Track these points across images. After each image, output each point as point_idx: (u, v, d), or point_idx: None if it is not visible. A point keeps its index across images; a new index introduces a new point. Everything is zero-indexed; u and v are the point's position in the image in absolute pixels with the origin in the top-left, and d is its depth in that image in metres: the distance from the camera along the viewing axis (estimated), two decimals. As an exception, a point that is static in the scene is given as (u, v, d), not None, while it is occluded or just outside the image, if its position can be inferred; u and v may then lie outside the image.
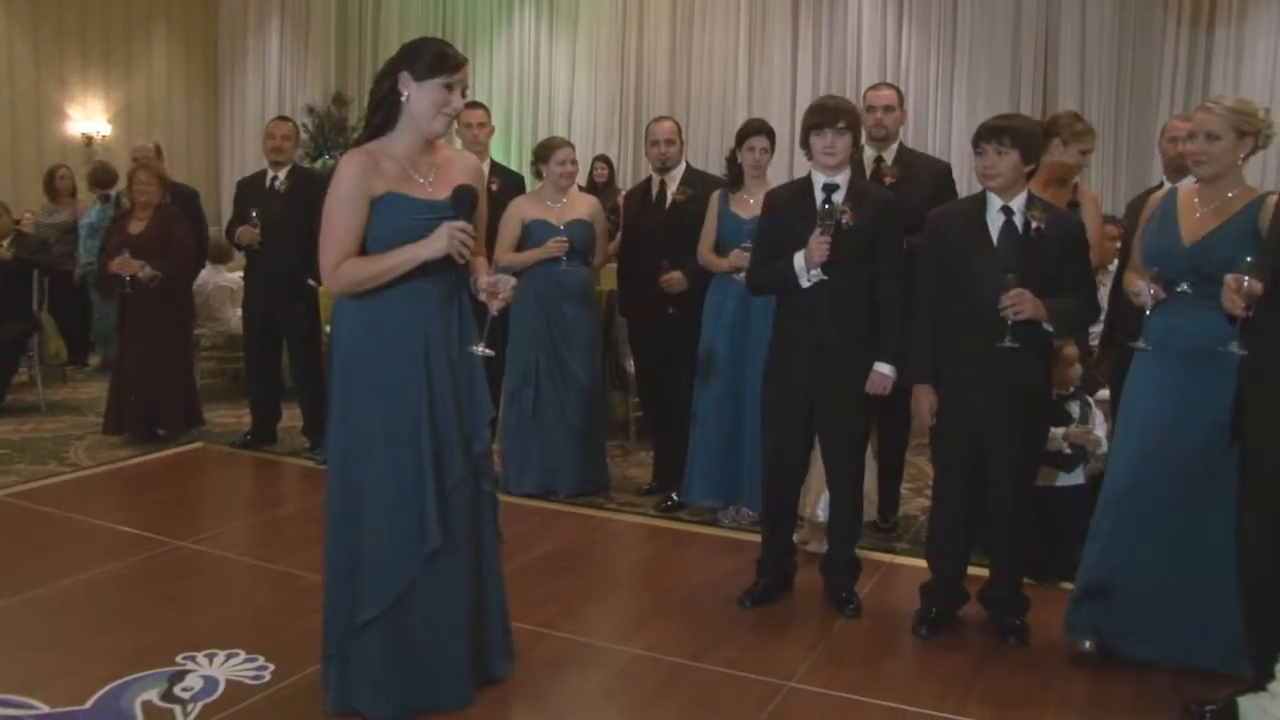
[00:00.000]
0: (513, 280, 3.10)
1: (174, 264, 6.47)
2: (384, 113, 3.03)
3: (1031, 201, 3.69)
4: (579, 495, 5.48)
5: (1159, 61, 8.63)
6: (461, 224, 2.93)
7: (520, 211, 5.50)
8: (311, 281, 6.21)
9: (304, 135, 9.98)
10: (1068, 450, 4.32)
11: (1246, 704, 3.02)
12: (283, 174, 6.33)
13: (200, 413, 6.76)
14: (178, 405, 6.59)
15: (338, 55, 12.13)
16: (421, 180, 3.04)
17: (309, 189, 6.42)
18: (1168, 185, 4.43)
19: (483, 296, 3.07)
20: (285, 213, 6.16)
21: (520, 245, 5.44)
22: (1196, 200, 3.50)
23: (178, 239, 6.55)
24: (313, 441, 6.20)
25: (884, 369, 3.91)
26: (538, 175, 5.63)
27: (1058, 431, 4.29)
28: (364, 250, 2.99)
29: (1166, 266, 3.46)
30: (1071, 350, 4.40)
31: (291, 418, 6.63)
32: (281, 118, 6.82)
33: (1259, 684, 3.04)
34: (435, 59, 2.98)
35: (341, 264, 2.97)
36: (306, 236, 5.97)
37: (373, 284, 2.97)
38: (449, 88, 2.99)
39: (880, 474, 4.91)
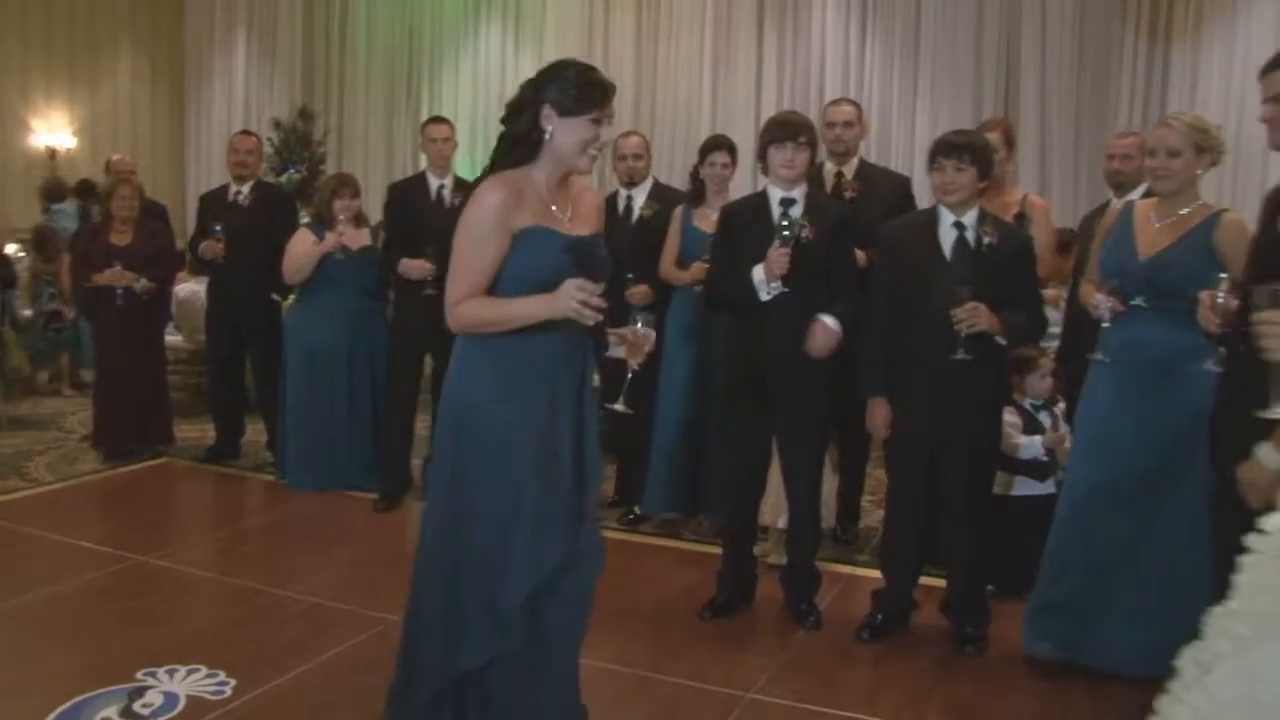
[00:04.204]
0: (651, 333, 2.88)
1: (165, 275, 6.51)
2: (525, 149, 2.75)
3: (983, 217, 3.76)
4: None
5: (1118, 74, 8.73)
6: (582, 283, 2.62)
7: None
8: (275, 296, 6.21)
9: (269, 149, 9.97)
10: (1044, 458, 4.37)
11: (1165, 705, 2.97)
12: (246, 188, 6.33)
13: (172, 428, 6.75)
14: (160, 419, 6.60)
15: (304, 69, 12.09)
16: (560, 215, 2.79)
17: (273, 203, 6.47)
18: (1116, 200, 4.50)
19: (618, 350, 2.89)
20: (249, 227, 6.16)
21: None
22: (1153, 215, 3.56)
23: (166, 250, 6.62)
24: (276, 456, 6.19)
25: (828, 320, 3.85)
26: None
27: (1036, 439, 4.36)
28: (496, 284, 2.73)
29: (1123, 280, 3.53)
30: (1045, 361, 4.47)
31: (256, 432, 6.60)
32: (245, 132, 6.83)
33: None
34: (584, 91, 2.70)
35: (466, 300, 2.72)
36: (270, 251, 6.03)
37: (492, 329, 2.73)
38: (597, 122, 2.73)
39: (841, 486, 4.96)
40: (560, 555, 2.76)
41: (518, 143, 2.76)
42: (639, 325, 2.85)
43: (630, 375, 2.88)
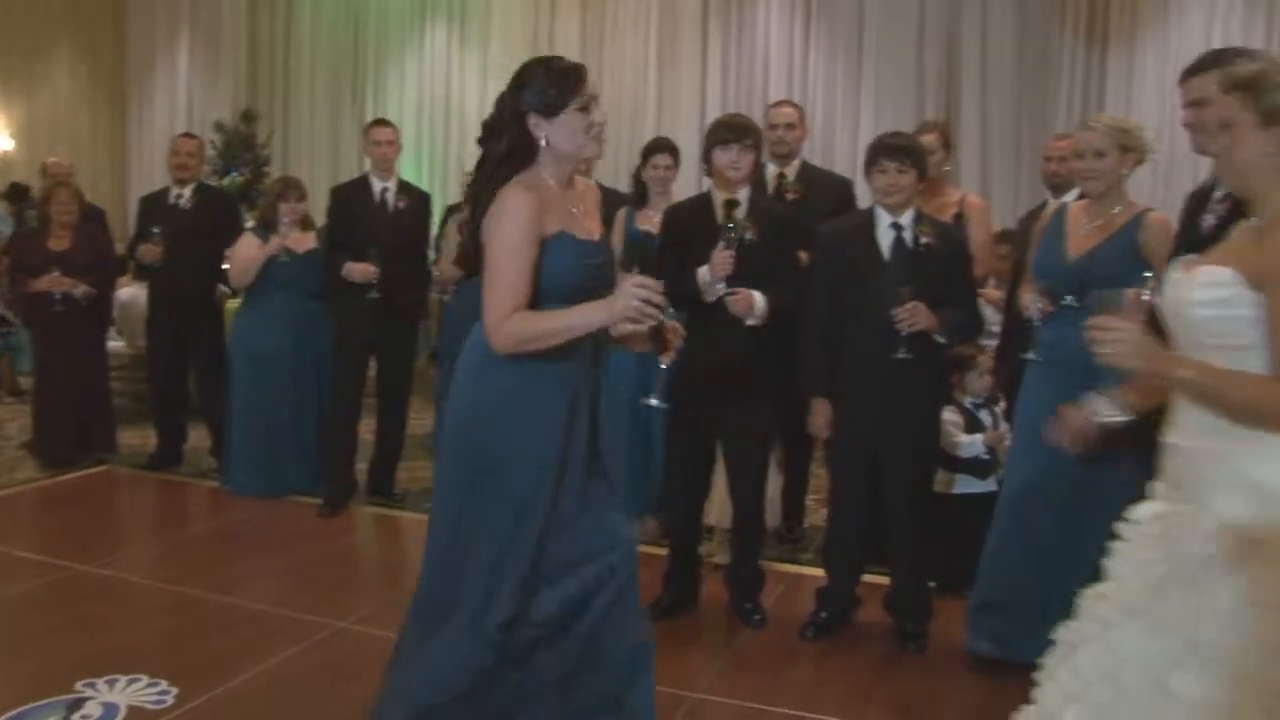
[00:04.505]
0: (681, 329, 2.76)
1: (105, 280, 6.43)
2: (520, 157, 2.67)
3: (919, 218, 3.81)
4: None
5: (1056, 77, 8.87)
6: (643, 280, 2.49)
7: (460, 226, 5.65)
8: (222, 287, 6.14)
9: (212, 152, 9.87)
10: (985, 456, 4.43)
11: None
12: (188, 191, 6.26)
13: (115, 435, 6.66)
14: (102, 426, 6.52)
15: (248, 71, 11.95)
16: (579, 215, 2.73)
17: (215, 207, 6.41)
18: (1052, 201, 4.58)
19: (642, 343, 2.77)
20: (191, 230, 6.10)
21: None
22: (1084, 216, 3.63)
23: (106, 255, 6.54)
24: (219, 462, 6.13)
25: (757, 294, 3.86)
26: None
27: (978, 437, 4.41)
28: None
29: (1053, 280, 3.59)
30: (984, 359, 4.53)
31: (199, 438, 6.53)
32: (187, 134, 6.75)
33: None
34: (561, 84, 2.63)
35: (512, 316, 2.57)
36: (213, 254, 5.98)
37: (541, 345, 2.58)
38: (585, 109, 2.65)
39: (785, 485, 5.00)
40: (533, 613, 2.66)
41: (511, 155, 2.67)
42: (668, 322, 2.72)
43: (663, 368, 2.80)
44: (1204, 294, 2.12)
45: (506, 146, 2.67)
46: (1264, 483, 2.00)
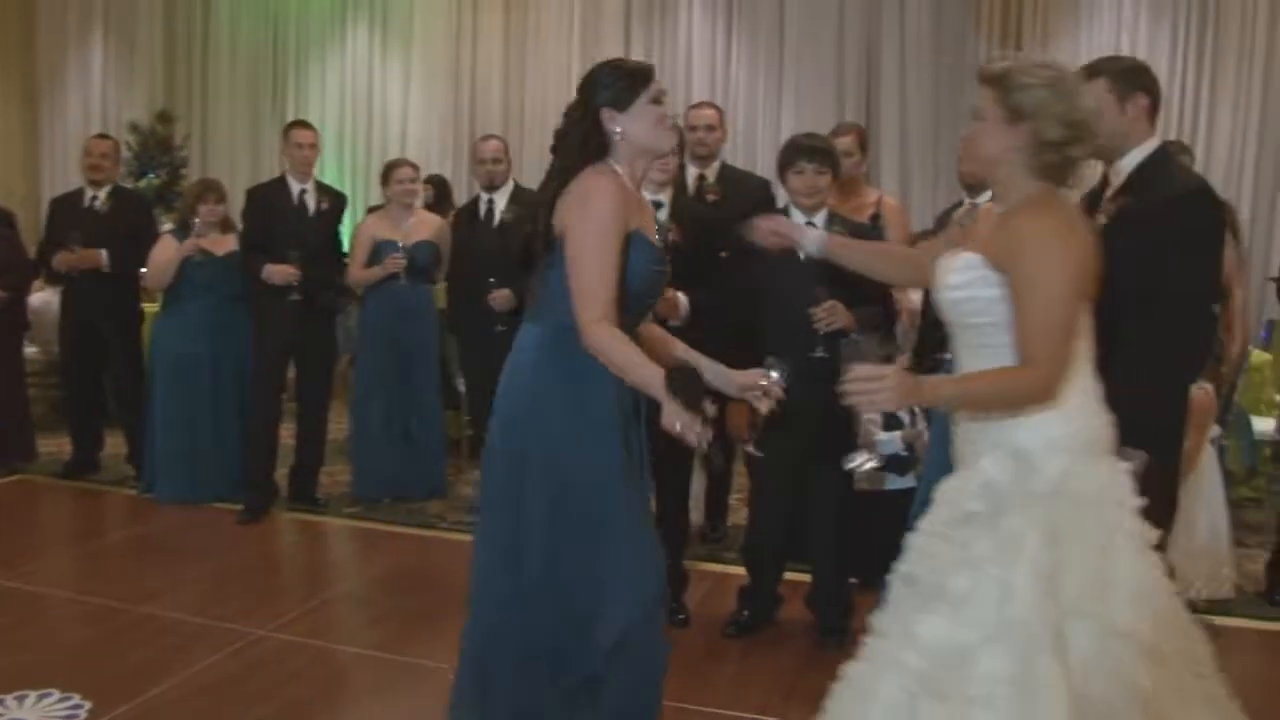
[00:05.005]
0: (781, 382, 2.66)
1: (18, 284, 6.30)
2: (595, 150, 2.62)
3: (832, 218, 3.86)
4: (426, 499, 5.79)
5: (973, 80, 8.92)
6: (692, 423, 2.39)
7: (369, 230, 5.87)
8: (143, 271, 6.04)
9: (127, 154, 9.68)
10: (904, 453, 4.48)
11: None
12: (103, 193, 6.14)
13: (33, 443, 6.51)
14: (20, 435, 6.37)
15: (165, 71, 11.73)
16: (647, 217, 2.68)
17: (131, 209, 6.29)
18: (967, 201, 4.65)
19: (750, 395, 2.69)
20: (106, 233, 5.98)
21: (371, 263, 5.76)
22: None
23: (17, 258, 6.40)
24: (137, 469, 6.02)
25: (680, 295, 3.89)
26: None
27: (895, 434, 4.46)
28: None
29: (965, 281, 3.65)
30: (900, 357, 4.58)
31: (115, 445, 6.41)
32: (101, 135, 6.61)
33: None
34: (630, 78, 2.62)
35: (608, 317, 2.46)
36: (129, 258, 5.87)
37: (610, 368, 2.50)
38: (657, 101, 2.64)
39: (708, 485, 5.03)
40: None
41: (583, 150, 2.62)
42: (772, 374, 2.67)
43: (760, 418, 2.74)
44: (956, 278, 2.32)
45: (580, 140, 2.63)
46: (1021, 446, 2.22)
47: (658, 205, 3.97)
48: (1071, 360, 2.22)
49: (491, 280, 5.12)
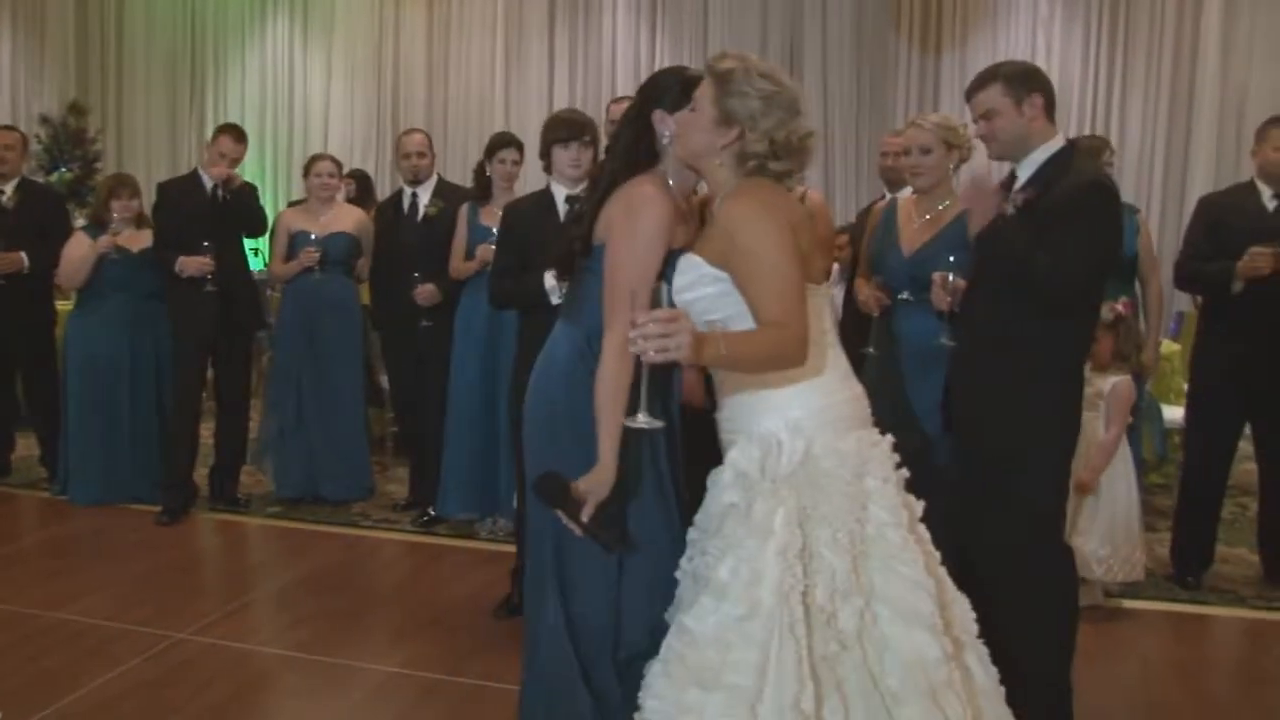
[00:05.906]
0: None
1: None
2: (644, 152, 2.51)
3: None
4: (345, 500, 5.67)
5: (894, 81, 9.27)
6: (565, 517, 2.33)
7: (287, 223, 5.79)
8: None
9: (37, 147, 9.46)
10: None
11: None
12: (10, 188, 5.95)
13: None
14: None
15: (77, 62, 11.46)
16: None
17: (40, 203, 6.12)
18: (888, 196, 4.73)
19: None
20: (14, 229, 5.81)
21: (288, 256, 5.68)
22: (915, 211, 3.76)
23: None
24: (51, 471, 5.89)
25: None
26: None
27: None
28: None
29: (889, 275, 3.71)
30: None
31: (27, 446, 6.26)
32: (6, 127, 6.41)
33: None
34: (684, 85, 2.48)
35: (619, 364, 2.31)
36: (41, 255, 5.71)
37: (598, 390, 2.35)
38: None
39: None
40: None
41: (633, 150, 2.51)
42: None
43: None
44: (680, 279, 2.32)
45: (630, 140, 2.54)
46: (764, 431, 2.25)
47: (576, 200, 3.90)
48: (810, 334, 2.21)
49: (415, 275, 5.07)
